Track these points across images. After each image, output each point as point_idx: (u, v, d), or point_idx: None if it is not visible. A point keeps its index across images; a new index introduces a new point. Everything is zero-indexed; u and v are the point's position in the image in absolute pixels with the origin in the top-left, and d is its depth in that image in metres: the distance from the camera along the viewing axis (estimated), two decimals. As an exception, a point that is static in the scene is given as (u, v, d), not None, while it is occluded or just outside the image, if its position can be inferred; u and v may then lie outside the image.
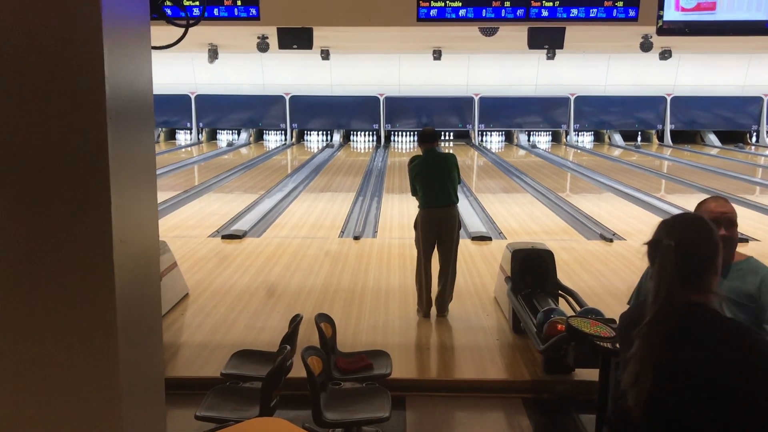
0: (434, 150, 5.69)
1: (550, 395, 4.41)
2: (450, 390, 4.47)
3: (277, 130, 22.30)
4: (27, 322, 1.41)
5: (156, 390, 1.69)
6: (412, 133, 22.24)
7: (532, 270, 5.35)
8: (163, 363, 1.84)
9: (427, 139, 5.69)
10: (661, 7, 5.39)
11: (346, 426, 3.43)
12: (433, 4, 5.59)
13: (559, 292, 5.28)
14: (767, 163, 18.43)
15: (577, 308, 4.84)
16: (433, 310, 5.67)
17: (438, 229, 5.50)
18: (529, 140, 22.28)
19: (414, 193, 5.69)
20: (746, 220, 10.02)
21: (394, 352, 4.36)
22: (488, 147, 21.59)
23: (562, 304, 5.11)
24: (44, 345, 1.41)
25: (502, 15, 5.63)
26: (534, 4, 5.56)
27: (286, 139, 22.06)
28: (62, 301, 1.40)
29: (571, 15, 5.64)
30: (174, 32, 1.85)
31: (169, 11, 1.73)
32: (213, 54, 16.41)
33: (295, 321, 3.98)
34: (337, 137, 22.13)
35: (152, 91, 1.58)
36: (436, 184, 5.48)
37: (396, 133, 22.24)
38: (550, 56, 17.11)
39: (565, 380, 4.42)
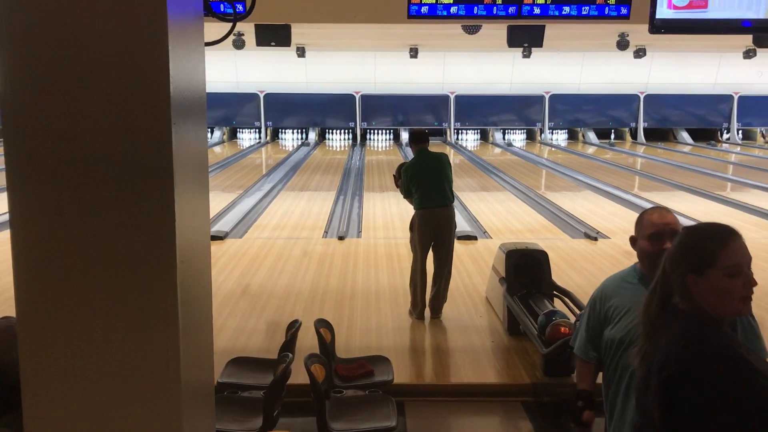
0: (427, 150, 5.63)
1: (551, 398, 4.36)
2: (450, 395, 4.39)
3: (251, 129, 22.04)
4: (92, 322, 1.37)
5: (208, 395, 1.63)
6: (388, 131, 22.18)
7: (526, 270, 5.29)
8: (213, 368, 1.77)
9: (420, 139, 5.68)
10: (653, 4, 5.36)
11: (353, 436, 3.32)
12: (424, 0, 5.50)
13: (555, 292, 5.23)
14: (738, 160, 18.72)
15: (575, 309, 4.79)
16: (427, 312, 5.58)
17: (435, 230, 5.43)
18: (504, 138, 22.35)
19: (408, 195, 5.57)
20: (722, 216, 10.14)
21: (389, 356, 4.27)
22: (464, 145, 21.60)
23: (558, 305, 5.06)
24: (109, 345, 1.38)
25: (494, 12, 5.55)
26: (526, 1, 5.50)
27: (260, 138, 21.82)
28: (128, 301, 1.36)
29: (563, 12, 5.58)
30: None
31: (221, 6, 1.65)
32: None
33: (294, 327, 3.87)
34: (312, 135, 21.95)
35: (205, 91, 1.49)
36: (432, 185, 5.41)
37: (372, 131, 22.14)
38: (526, 54, 17.17)
39: (566, 383, 4.36)
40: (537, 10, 5.60)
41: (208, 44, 1.60)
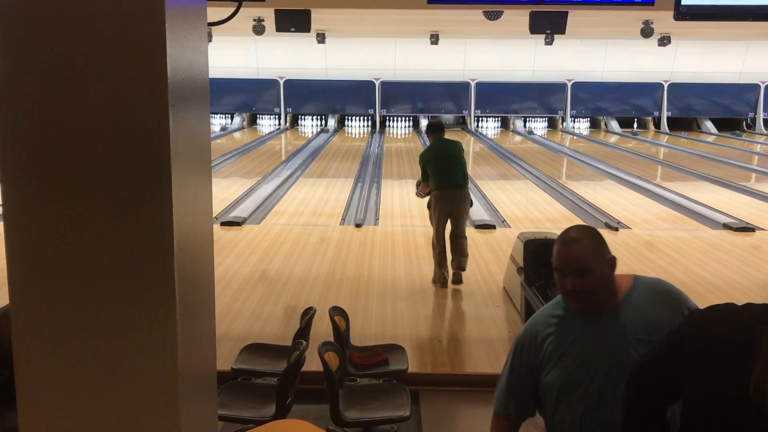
0: (442, 138, 6.09)
1: (567, 390, 4.30)
2: (465, 385, 4.35)
3: (270, 115, 22.05)
4: (88, 311, 1.34)
5: (209, 384, 1.60)
6: (407, 118, 22.07)
7: (545, 260, 5.20)
8: (215, 356, 1.75)
9: (435, 129, 6.20)
10: (679, -10, 5.23)
11: (366, 425, 3.30)
12: (444, -15, 5.41)
13: (573, 283, 5.16)
14: (763, 151, 18.40)
15: (594, 300, 4.72)
16: (446, 303, 5.56)
17: (450, 208, 5.88)
18: (525, 126, 22.15)
19: (425, 178, 6.02)
20: (745, 207, 9.99)
21: (405, 344, 4.23)
22: (484, 133, 21.45)
23: (577, 296, 4.99)
24: (104, 334, 1.35)
25: (516, -3, 5.47)
26: (549, -14, 5.39)
27: (280, 124, 21.82)
28: (123, 296, 1.34)
29: (587, -2, 5.48)
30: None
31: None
32: (207, 36, 16.14)
33: (308, 314, 3.85)
34: (331, 122, 21.91)
35: (208, 73, 1.45)
36: (447, 168, 5.89)
37: (391, 118, 22.05)
38: (549, 41, 16.97)
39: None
40: (559, -4, 5.50)
41: (211, 24, 1.55)
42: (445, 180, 5.85)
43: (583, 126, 22.54)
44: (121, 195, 1.26)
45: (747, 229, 8.33)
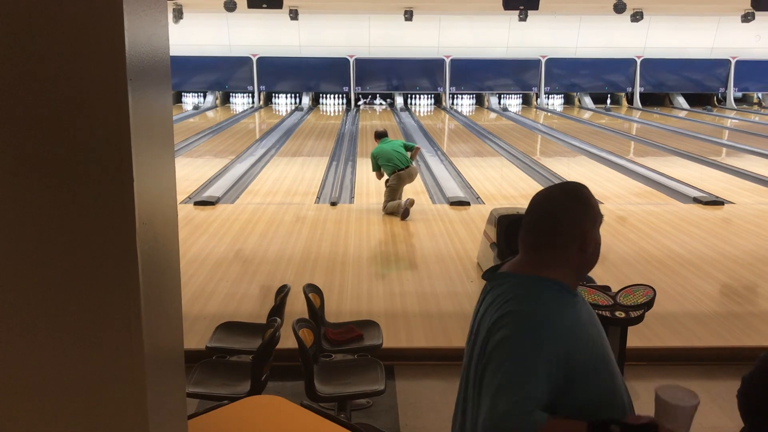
0: (387, 139, 7.95)
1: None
2: (439, 359, 4.40)
3: (244, 93, 21.83)
4: (49, 288, 1.32)
5: (176, 363, 1.59)
6: (382, 95, 22.00)
7: (517, 236, 5.27)
8: (182, 333, 1.73)
9: (379, 136, 8.04)
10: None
11: (340, 400, 3.33)
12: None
13: (546, 257, 5.22)
14: (734, 126, 18.66)
15: (566, 274, 4.78)
16: (423, 284, 5.59)
17: (406, 180, 7.90)
18: (500, 103, 22.21)
19: (376, 169, 7.95)
20: (715, 182, 10.15)
21: (380, 320, 4.25)
22: (459, 110, 21.46)
23: (549, 270, 5.05)
24: (66, 311, 1.33)
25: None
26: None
27: (253, 102, 21.63)
28: (85, 272, 1.31)
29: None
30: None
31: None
32: (178, 14, 15.92)
33: (283, 292, 3.85)
34: (306, 100, 21.76)
35: (169, 48, 1.43)
36: (398, 156, 7.82)
37: (366, 95, 21.96)
38: (522, 17, 16.99)
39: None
40: (531, -29, 5.49)
41: (170, -3, 1.53)
42: (400, 164, 7.79)
43: (557, 102, 22.67)
44: (80, 170, 1.24)
45: (716, 202, 8.47)
